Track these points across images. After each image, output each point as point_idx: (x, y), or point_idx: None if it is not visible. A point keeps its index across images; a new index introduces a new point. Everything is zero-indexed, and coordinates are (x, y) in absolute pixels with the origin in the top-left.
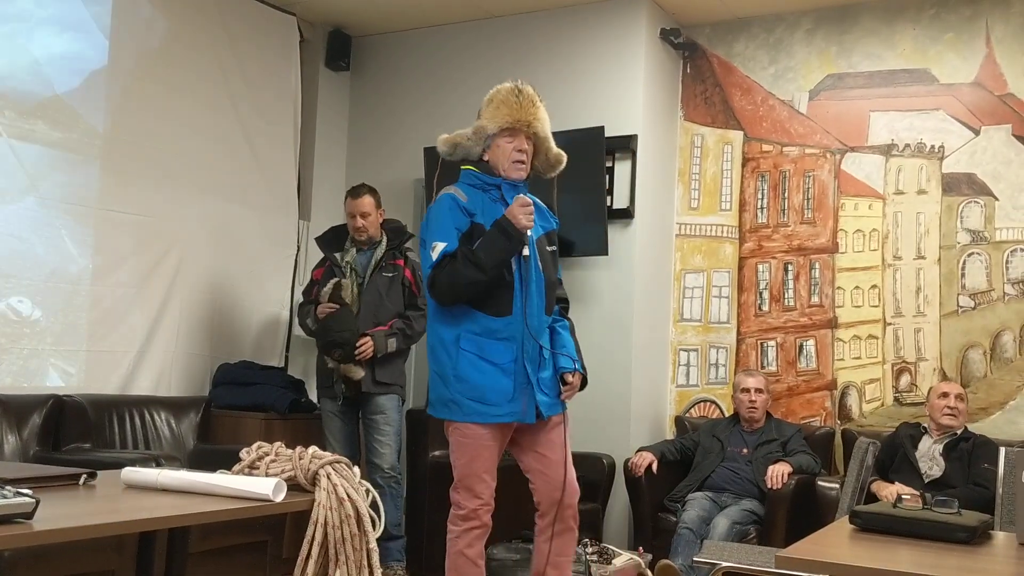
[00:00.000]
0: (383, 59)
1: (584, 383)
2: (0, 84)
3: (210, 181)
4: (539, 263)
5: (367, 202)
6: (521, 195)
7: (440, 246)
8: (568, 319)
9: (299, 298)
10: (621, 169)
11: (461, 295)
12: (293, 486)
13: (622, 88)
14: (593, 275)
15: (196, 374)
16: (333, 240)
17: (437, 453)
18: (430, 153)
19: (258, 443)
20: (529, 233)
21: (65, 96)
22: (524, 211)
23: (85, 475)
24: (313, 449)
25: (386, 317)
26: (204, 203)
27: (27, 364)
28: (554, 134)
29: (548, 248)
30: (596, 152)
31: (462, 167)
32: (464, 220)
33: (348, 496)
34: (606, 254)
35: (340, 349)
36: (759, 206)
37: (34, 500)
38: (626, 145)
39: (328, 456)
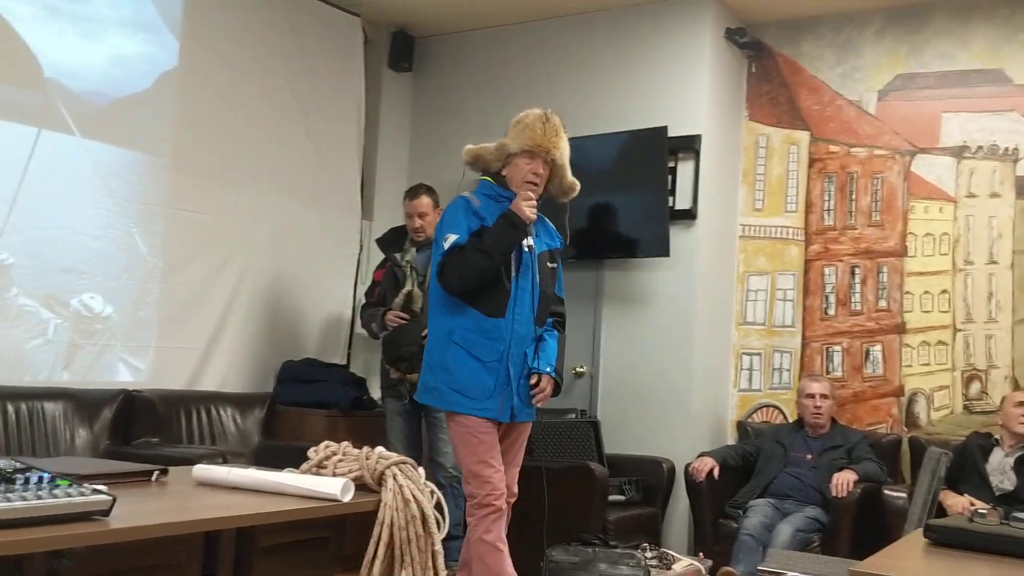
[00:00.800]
0: (445, 59)
1: (557, 391)
2: (73, 85)
3: (275, 181)
4: (537, 276)
5: (425, 202)
6: (523, 191)
7: (452, 237)
8: (561, 334)
9: (361, 298)
10: (684, 169)
11: (467, 282)
12: (359, 486)
13: (686, 88)
14: (654, 277)
15: (261, 371)
16: (393, 241)
17: None
18: None
19: (325, 442)
20: (531, 242)
21: (136, 97)
22: (528, 204)
23: (157, 472)
24: (380, 450)
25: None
26: (270, 203)
27: (99, 359)
28: (616, 134)
29: (549, 264)
30: (659, 152)
31: (481, 177)
32: (475, 222)
33: (414, 497)
34: (668, 255)
35: (407, 363)
36: (825, 208)
37: (111, 498)
38: (689, 145)
39: (394, 457)
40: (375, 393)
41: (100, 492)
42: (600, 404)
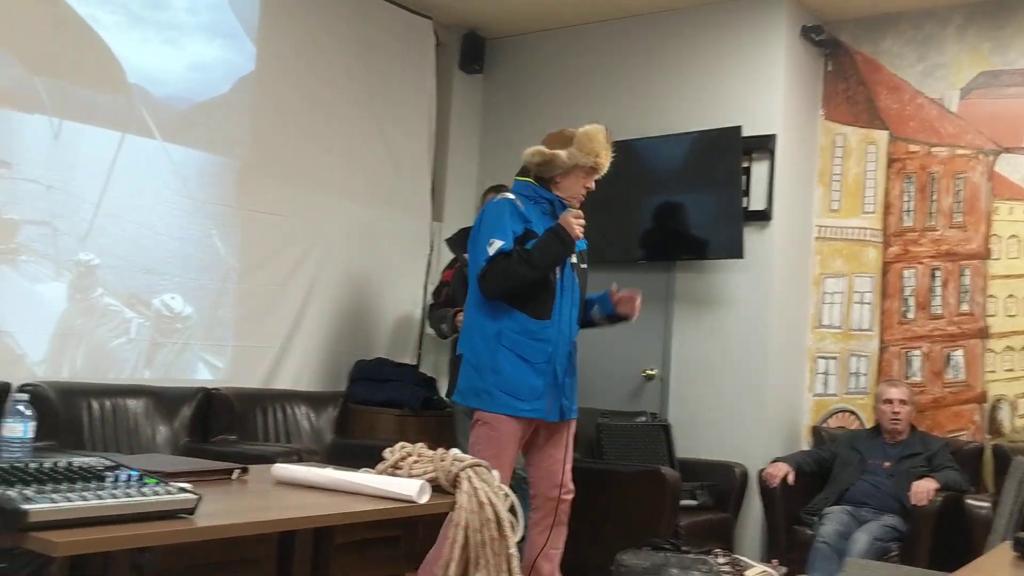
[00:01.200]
0: (516, 61)
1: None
2: (155, 89)
3: (348, 183)
4: (577, 279)
5: None
6: (574, 208)
7: (498, 243)
8: None
9: (431, 299)
10: (758, 170)
11: (508, 290)
12: (434, 488)
13: (761, 87)
14: (728, 278)
15: (334, 370)
16: (462, 241)
17: None
18: None
19: (401, 443)
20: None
21: (214, 101)
22: (578, 221)
23: (238, 470)
24: (454, 451)
25: None
26: (342, 204)
27: (178, 358)
28: (688, 134)
29: (581, 266)
30: (732, 152)
31: (517, 177)
32: (520, 225)
33: (489, 500)
34: (741, 257)
35: None
36: (905, 209)
37: (196, 497)
38: (764, 145)
39: (469, 459)
40: (443, 392)
41: (186, 491)
42: (671, 407)
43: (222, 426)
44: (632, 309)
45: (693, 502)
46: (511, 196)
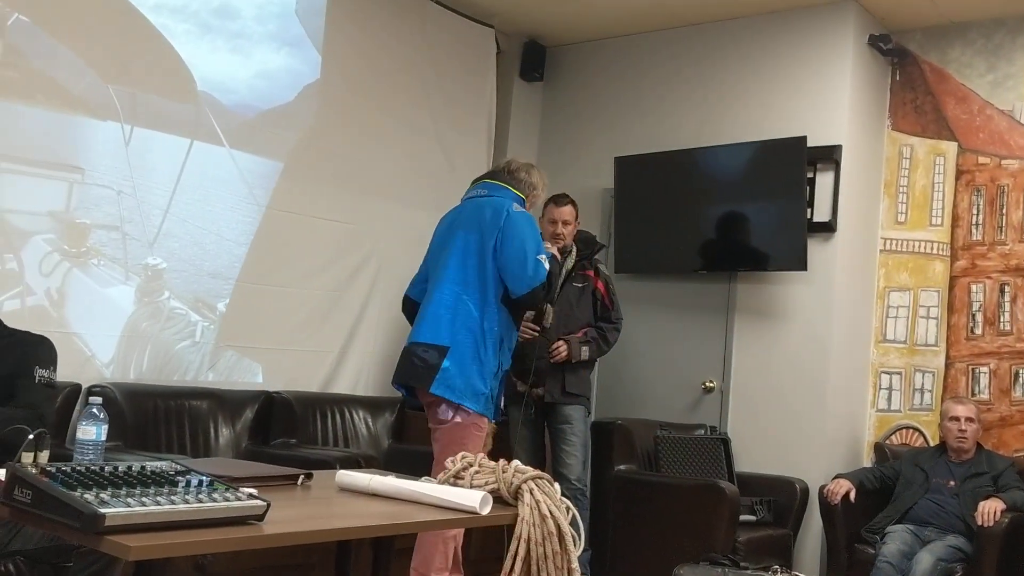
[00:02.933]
0: (576, 69)
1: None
2: (223, 97)
3: (408, 189)
4: None
5: (569, 211)
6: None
7: (546, 260)
8: None
9: None
10: (823, 180)
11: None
12: (495, 499)
13: (826, 96)
14: (790, 290)
15: (391, 375)
16: None
17: (623, 467)
18: (620, 162)
19: (462, 453)
20: None
21: (280, 109)
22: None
23: (303, 476)
24: (516, 463)
25: (575, 326)
26: (402, 210)
27: (241, 361)
28: (752, 143)
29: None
30: (797, 163)
31: (514, 190)
32: None
33: (551, 513)
34: (805, 269)
35: (534, 377)
36: (973, 222)
37: (265, 503)
38: (829, 155)
39: (530, 472)
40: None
41: (255, 497)
42: (730, 420)
43: (282, 429)
44: None
45: (752, 517)
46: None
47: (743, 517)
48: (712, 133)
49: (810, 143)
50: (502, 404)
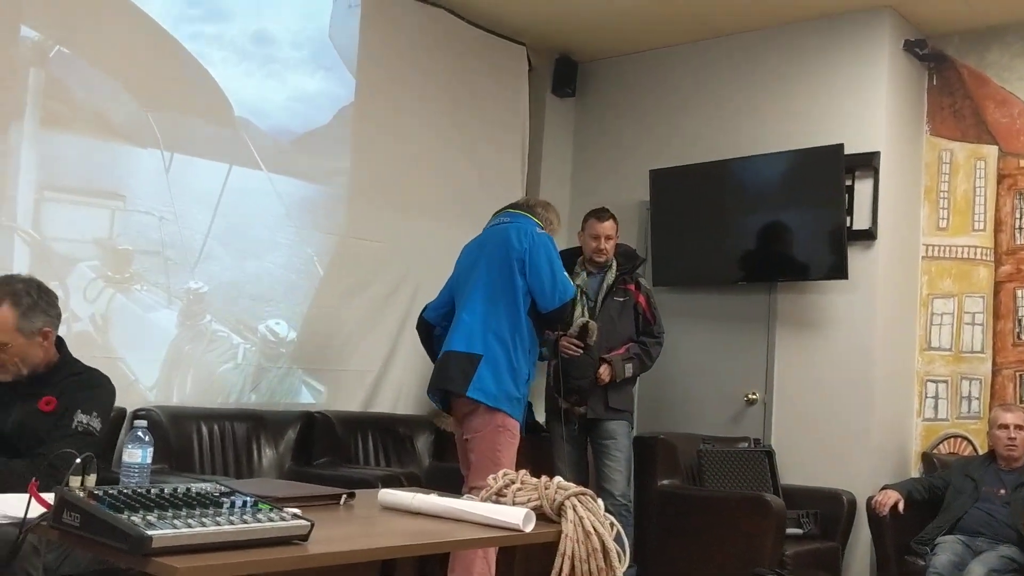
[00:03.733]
0: (608, 83)
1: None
2: (261, 121)
3: (442, 208)
4: None
5: (611, 226)
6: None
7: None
8: None
9: None
10: (862, 188)
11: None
12: (538, 516)
13: (862, 103)
14: (831, 300)
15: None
16: (565, 263)
17: (666, 482)
18: (655, 175)
19: (504, 470)
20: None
21: (316, 132)
22: None
23: (345, 495)
24: (558, 479)
25: (617, 341)
26: (437, 228)
27: (283, 382)
28: (788, 152)
29: None
30: (834, 171)
31: (533, 217)
32: None
33: (595, 529)
34: (846, 278)
35: (577, 395)
36: (1017, 226)
37: (309, 523)
38: (867, 163)
39: (573, 488)
40: (539, 416)
41: (299, 517)
42: (774, 432)
43: (324, 449)
44: None
45: (799, 531)
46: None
47: (790, 530)
48: (748, 143)
49: (847, 150)
50: (543, 420)
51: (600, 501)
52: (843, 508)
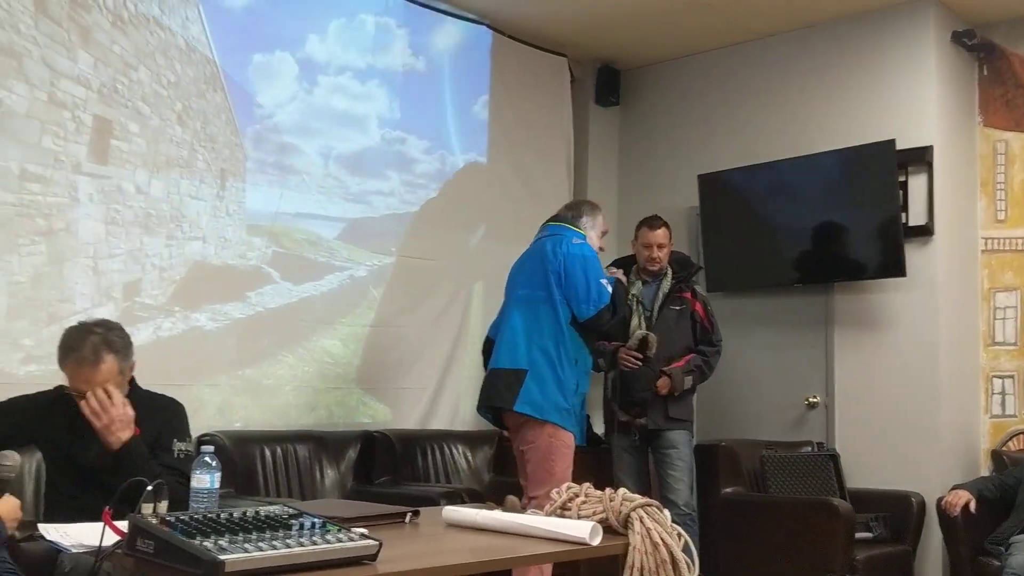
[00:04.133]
0: (652, 90)
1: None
2: (310, 145)
3: (491, 222)
4: None
5: (663, 233)
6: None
7: (609, 288)
8: None
9: None
10: (916, 183)
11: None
12: (604, 528)
13: (912, 97)
14: (890, 298)
15: None
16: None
17: (729, 489)
18: (704, 180)
19: (567, 483)
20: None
21: (367, 152)
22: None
23: (410, 513)
24: (623, 491)
25: (675, 351)
26: (486, 244)
27: (342, 402)
28: (839, 151)
29: None
30: (887, 167)
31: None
32: None
33: (662, 540)
34: (904, 275)
35: (638, 407)
36: None
37: (377, 543)
38: (920, 157)
39: (639, 499)
40: (596, 427)
41: (367, 537)
42: (837, 435)
43: (385, 468)
44: None
45: (868, 535)
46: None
47: (859, 535)
48: (796, 143)
49: (899, 146)
50: (602, 432)
51: (666, 512)
52: (912, 510)
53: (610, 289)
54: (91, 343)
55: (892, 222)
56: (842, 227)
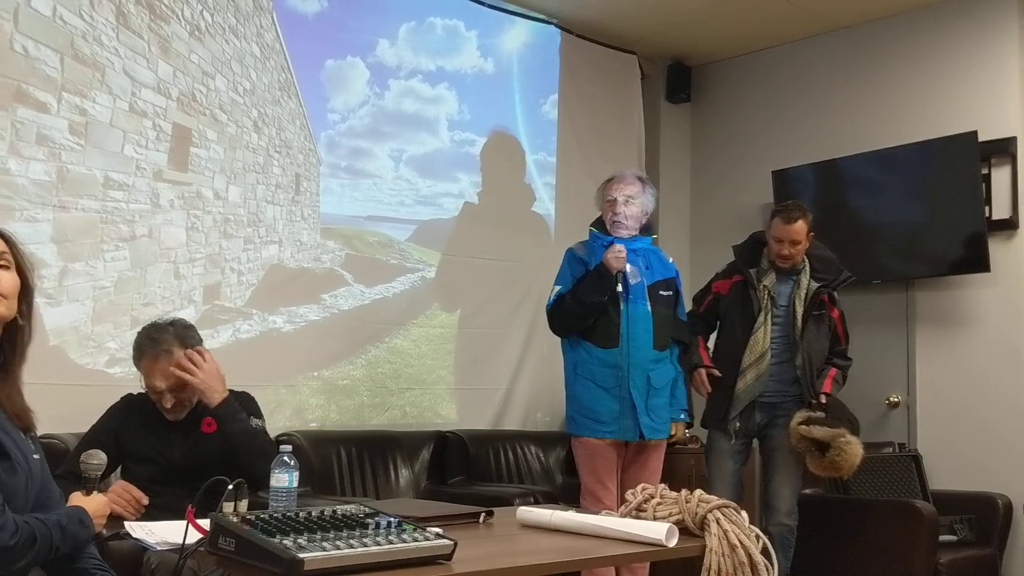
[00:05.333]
0: (725, 85)
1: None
2: (381, 147)
3: (560, 223)
4: (648, 305)
5: (801, 228)
6: (615, 244)
7: (556, 289)
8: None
9: (691, 304)
10: (999, 176)
11: (570, 327)
12: (680, 530)
13: (994, 88)
14: (973, 294)
15: (560, 409)
16: (751, 256)
17: (809, 490)
18: (778, 176)
19: (642, 485)
20: (636, 280)
21: (437, 155)
22: (617, 255)
23: (484, 513)
24: (699, 492)
25: (817, 360)
26: (557, 244)
27: (415, 403)
28: (917, 144)
29: (662, 293)
30: (969, 160)
31: (590, 227)
32: (580, 269)
33: (740, 543)
34: (988, 270)
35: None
36: None
37: (452, 543)
38: (1004, 149)
39: (716, 500)
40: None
41: (442, 537)
42: (919, 435)
43: (457, 468)
44: None
45: (953, 537)
46: (576, 246)
47: (943, 537)
48: (873, 137)
49: (981, 137)
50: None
51: (744, 513)
52: (998, 512)
53: (552, 297)
54: (165, 339)
55: (975, 216)
56: (922, 222)
